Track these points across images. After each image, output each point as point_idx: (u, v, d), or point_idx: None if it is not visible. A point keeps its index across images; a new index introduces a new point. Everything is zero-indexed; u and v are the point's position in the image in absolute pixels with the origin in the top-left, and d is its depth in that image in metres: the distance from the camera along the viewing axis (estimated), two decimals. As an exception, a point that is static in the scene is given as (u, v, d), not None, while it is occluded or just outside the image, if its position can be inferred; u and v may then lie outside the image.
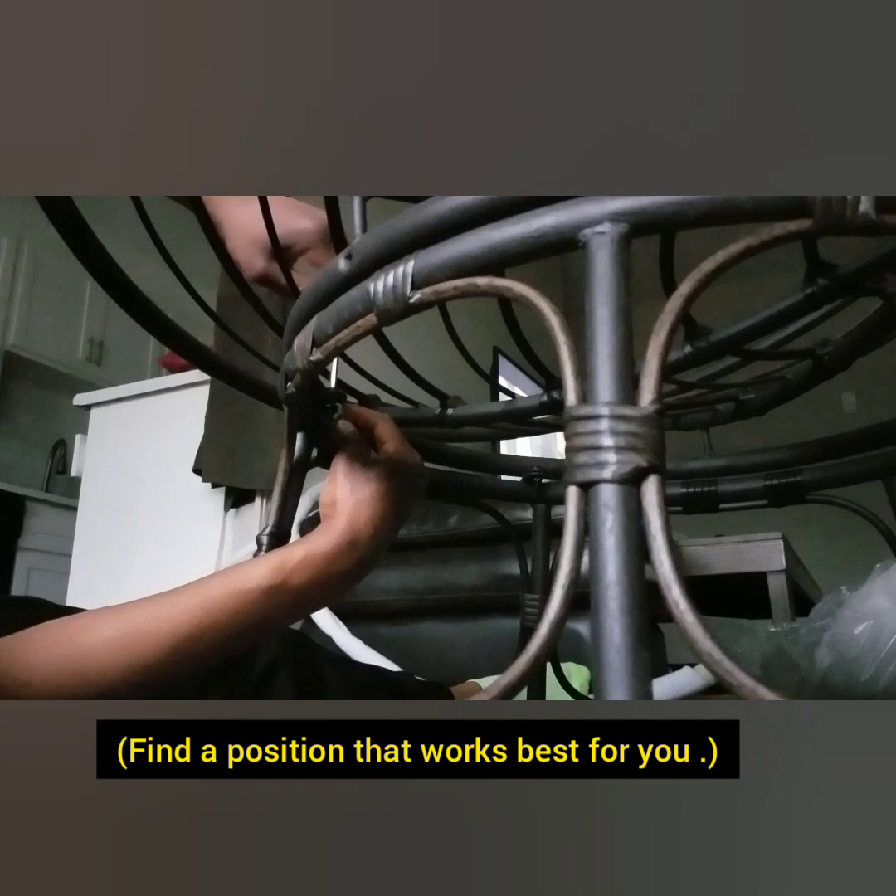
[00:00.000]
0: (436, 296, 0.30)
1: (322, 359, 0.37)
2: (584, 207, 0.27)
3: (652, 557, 0.23)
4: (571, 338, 0.25)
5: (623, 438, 0.23)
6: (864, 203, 0.26)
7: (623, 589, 0.22)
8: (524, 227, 0.28)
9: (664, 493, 0.23)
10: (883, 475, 0.61)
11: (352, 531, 0.49)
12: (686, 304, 0.25)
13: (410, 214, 0.31)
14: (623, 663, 0.22)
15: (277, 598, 0.47)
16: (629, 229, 0.26)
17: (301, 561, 0.47)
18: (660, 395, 0.24)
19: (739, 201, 0.26)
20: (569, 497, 0.24)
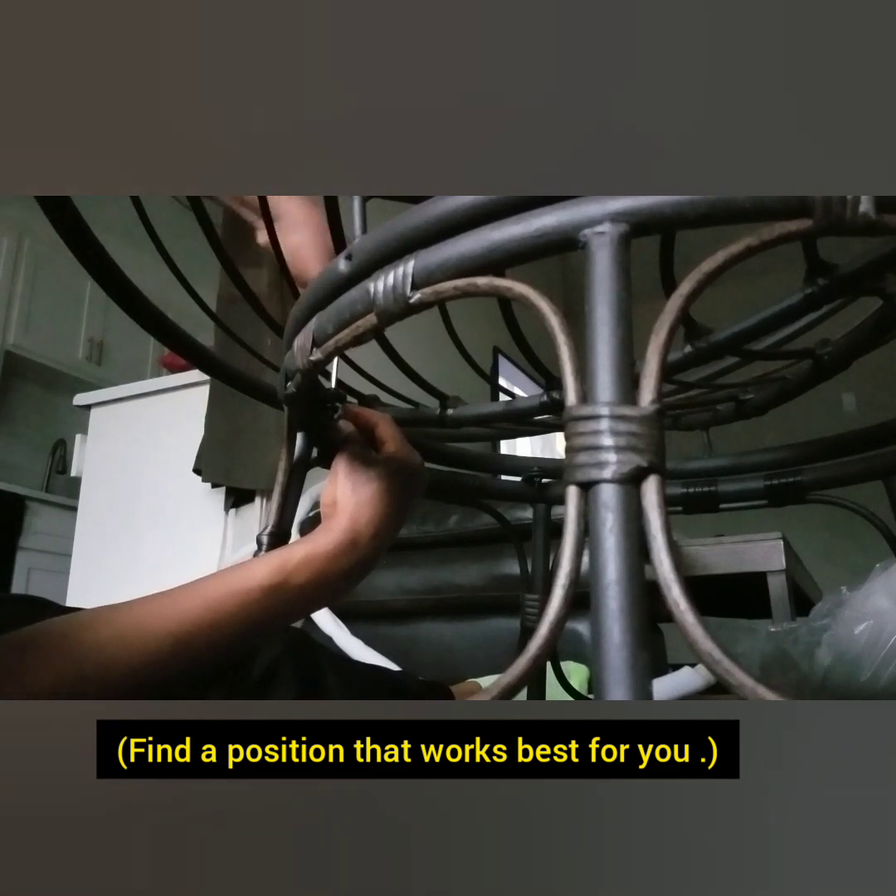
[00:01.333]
0: (436, 296, 0.30)
1: (322, 359, 0.37)
2: (585, 207, 0.27)
3: (652, 557, 0.23)
4: (571, 338, 0.25)
5: (623, 438, 0.23)
6: (864, 203, 0.26)
7: (623, 589, 0.22)
8: (524, 227, 0.28)
9: (664, 493, 0.23)
10: (883, 475, 0.61)
11: (353, 531, 0.49)
12: (686, 303, 0.25)
13: (410, 214, 0.31)
14: (623, 663, 0.22)
15: (278, 598, 0.47)
16: (629, 229, 0.26)
17: (302, 560, 0.47)
18: (660, 395, 0.24)
19: (739, 201, 0.26)
20: (569, 497, 0.24)
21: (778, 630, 0.91)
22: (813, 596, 1.73)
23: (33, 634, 0.44)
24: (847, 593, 0.83)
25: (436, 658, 1.43)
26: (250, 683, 0.75)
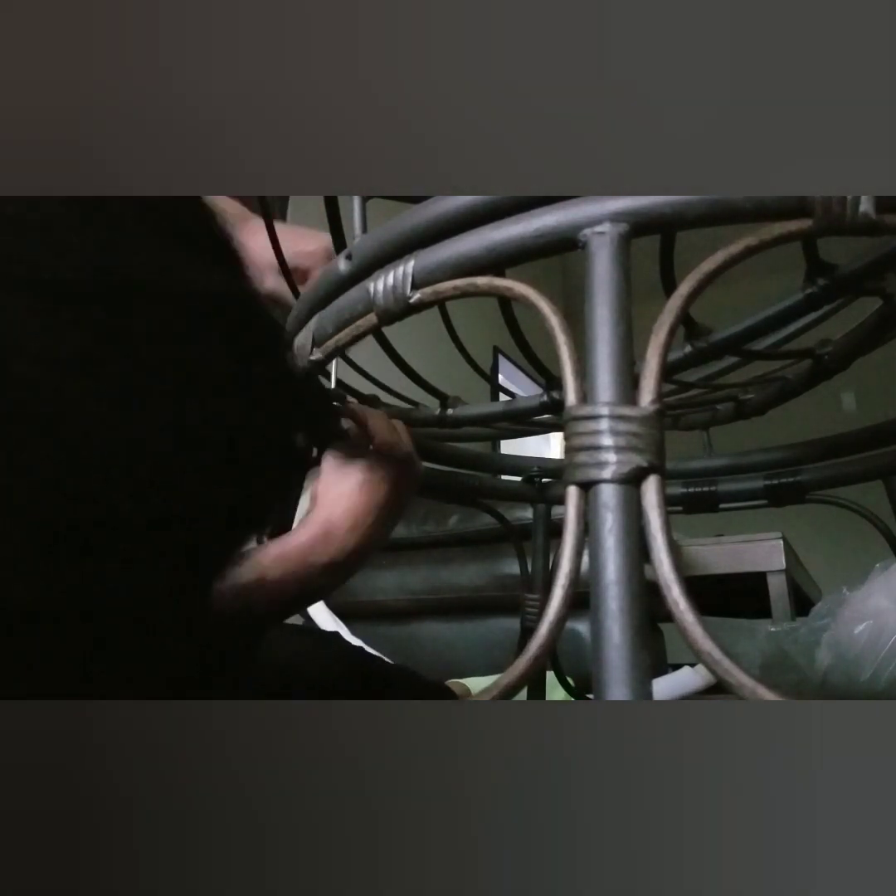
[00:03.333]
0: (436, 296, 0.30)
1: (322, 359, 0.37)
2: (584, 207, 0.27)
3: (652, 557, 0.23)
4: (571, 338, 0.25)
5: (623, 438, 0.23)
6: (864, 203, 0.26)
7: (623, 589, 0.22)
8: (524, 227, 0.28)
9: (664, 493, 0.23)
10: (883, 475, 0.61)
11: (327, 521, 0.48)
12: (686, 304, 0.25)
13: (410, 214, 0.31)
14: (623, 663, 0.22)
15: (253, 596, 0.46)
16: (629, 229, 0.26)
17: (276, 557, 0.47)
18: (660, 395, 0.24)
19: (739, 202, 0.26)
20: (569, 497, 0.24)
21: (778, 630, 0.91)
22: (813, 596, 1.73)
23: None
24: (847, 593, 0.83)
25: (436, 658, 1.43)
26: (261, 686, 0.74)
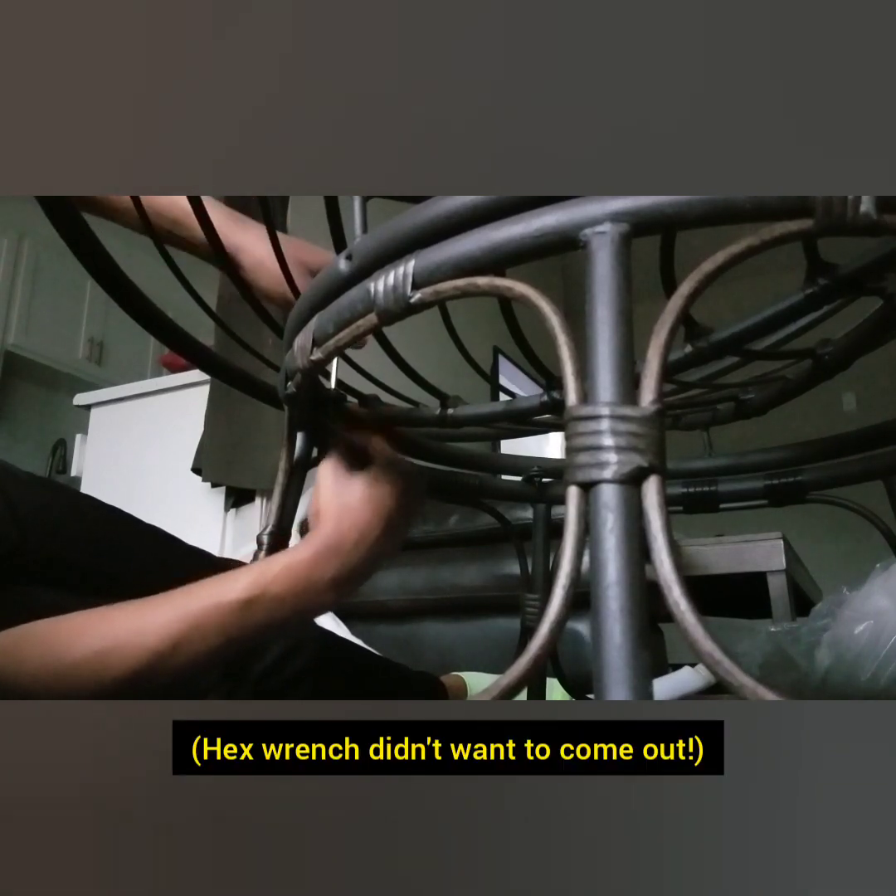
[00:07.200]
0: (436, 295, 0.30)
1: (322, 358, 0.37)
2: (585, 207, 0.27)
3: (652, 558, 0.23)
4: (572, 338, 0.25)
5: (623, 438, 0.23)
6: (864, 203, 0.26)
7: (623, 589, 0.22)
8: (524, 227, 0.28)
9: (664, 493, 0.23)
10: (883, 475, 0.61)
11: (333, 536, 0.48)
12: (686, 304, 0.25)
13: (410, 214, 0.31)
14: (623, 663, 0.22)
15: (256, 610, 0.47)
16: (630, 229, 0.26)
17: (281, 571, 0.47)
18: (660, 395, 0.24)
19: (740, 202, 0.26)
20: (569, 497, 0.24)
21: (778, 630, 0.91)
22: (813, 596, 1.73)
23: (25, 638, 0.45)
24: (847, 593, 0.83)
25: (436, 658, 1.43)
26: (277, 685, 0.74)
